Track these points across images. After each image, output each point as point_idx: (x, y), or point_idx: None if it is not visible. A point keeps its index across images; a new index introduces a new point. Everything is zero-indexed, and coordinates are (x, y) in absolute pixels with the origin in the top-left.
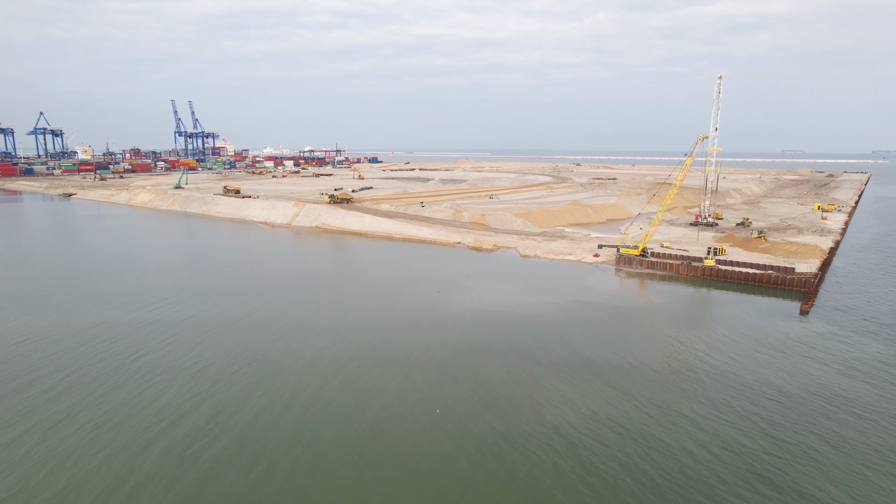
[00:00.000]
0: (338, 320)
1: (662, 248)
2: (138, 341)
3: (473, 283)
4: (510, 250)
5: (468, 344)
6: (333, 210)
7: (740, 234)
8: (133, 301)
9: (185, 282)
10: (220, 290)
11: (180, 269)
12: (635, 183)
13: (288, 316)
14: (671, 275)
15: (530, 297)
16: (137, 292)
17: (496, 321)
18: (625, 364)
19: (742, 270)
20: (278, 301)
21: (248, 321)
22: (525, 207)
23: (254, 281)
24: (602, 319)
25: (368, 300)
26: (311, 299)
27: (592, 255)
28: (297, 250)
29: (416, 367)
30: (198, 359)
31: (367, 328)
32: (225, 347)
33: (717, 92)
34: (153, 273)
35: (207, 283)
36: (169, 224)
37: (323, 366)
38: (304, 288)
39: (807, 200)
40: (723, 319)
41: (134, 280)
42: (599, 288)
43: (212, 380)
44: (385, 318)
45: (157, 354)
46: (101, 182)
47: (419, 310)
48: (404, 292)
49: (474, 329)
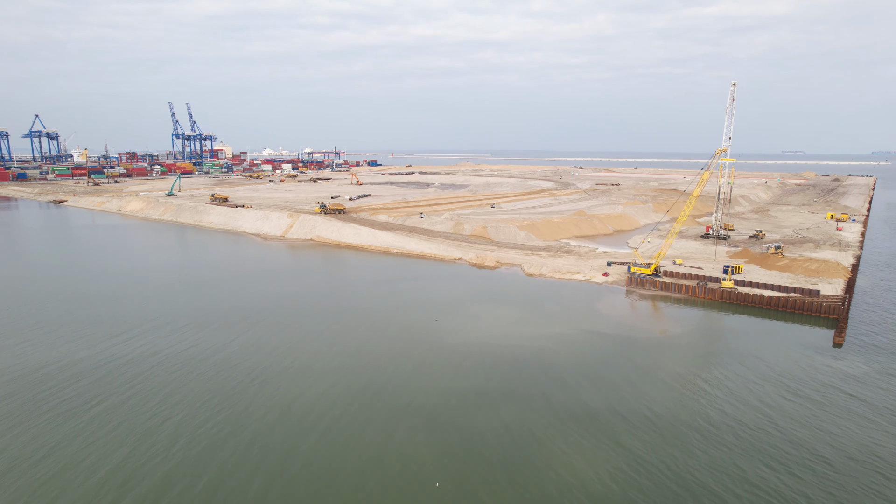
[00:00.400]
0: (321, 356)
1: (675, 266)
2: (96, 384)
3: (475, 310)
4: (514, 267)
5: (465, 390)
6: (329, 222)
7: (755, 248)
8: (99, 332)
9: (160, 307)
10: (197, 317)
11: (158, 292)
12: (639, 189)
13: (266, 350)
14: (687, 297)
15: (536, 326)
16: (106, 321)
17: (499, 359)
18: (639, 419)
19: (763, 294)
20: (258, 331)
21: (221, 357)
22: (528, 218)
23: (236, 305)
24: (614, 358)
25: (358, 330)
26: (295, 329)
27: (602, 274)
28: (287, 268)
29: (403, 420)
30: (160, 407)
31: (352, 367)
32: (192, 392)
33: (731, 99)
34: (128, 297)
35: (185, 309)
36: (157, 236)
37: (298, 416)
38: (288, 314)
39: (817, 208)
40: (747, 356)
41: (104, 305)
42: (611, 315)
43: (171, 437)
44: (374, 353)
45: (115, 401)
46: (94, 188)
47: (413, 343)
48: (398, 320)
49: (474, 370)
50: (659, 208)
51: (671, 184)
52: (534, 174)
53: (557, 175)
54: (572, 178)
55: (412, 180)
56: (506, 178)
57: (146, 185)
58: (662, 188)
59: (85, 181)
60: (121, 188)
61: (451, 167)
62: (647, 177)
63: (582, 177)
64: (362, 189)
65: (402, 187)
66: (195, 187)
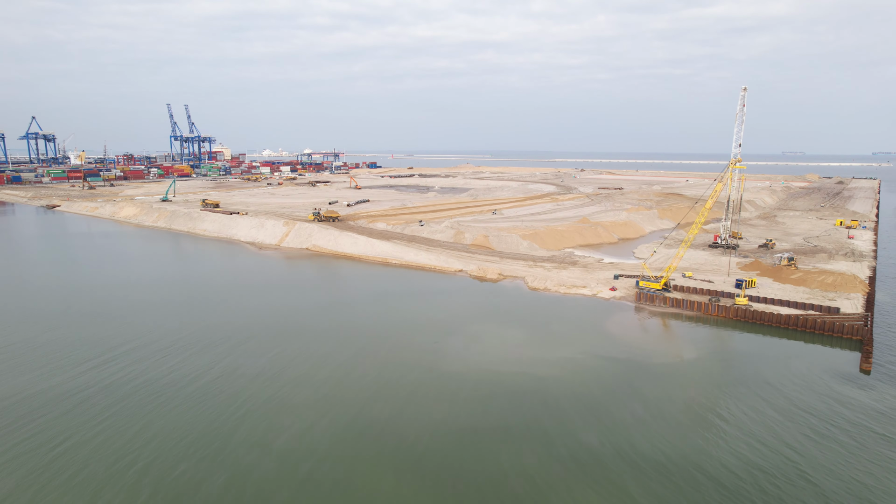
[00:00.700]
0: (307, 384)
1: (684, 279)
2: (61, 419)
3: (477, 330)
4: (517, 280)
5: (461, 427)
6: (325, 230)
7: (766, 259)
8: (75, 354)
9: (143, 327)
10: (180, 338)
11: (142, 310)
12: (643, 194)
13: (249, 376)
14: (698, 315)
15: (541, 350)
16: (83, 342)
17: (499, 389)
18: (650, 464)
19: (780, 312)
20: (242, 354)
21: (201, 386)
22: (531, 226)
23: (222, 324)
24: (624, 389)
25: (349, 353)
26: (282, 351)
27: (609, 289)
28: (279, 281)
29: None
30: (128, 448)
31: (340, 397)
32: (165, 428)
33: (742, 105)
34: (110, 314)
35: (169, 329)
36: (148, 245)
37: (278, 458)
38: (276, 334)
39: (825, 214)
40: (767, 386)
41: (84, 324)
42: (619, 336)
43: (133, 487)
44: (365, 381)
45: (79, 440)
46: (90, 191)
47: (408, 369)
48: (393, 342)
49: (471, 402)
50: (664, 214)
51: (674, 187)
52: (534, 177)
53: (559, 178)
54: (574, 181)
55: (412, 183)
56: (507, 181)
57: (142, 189)
58: (666, 192)
59: (80, 184)
60: (116, 192)
61: (451, 169)
62: (649, 179)
63: (583, 180)
64: (361, 193)
65: (401, 191)
66: (192, 191)
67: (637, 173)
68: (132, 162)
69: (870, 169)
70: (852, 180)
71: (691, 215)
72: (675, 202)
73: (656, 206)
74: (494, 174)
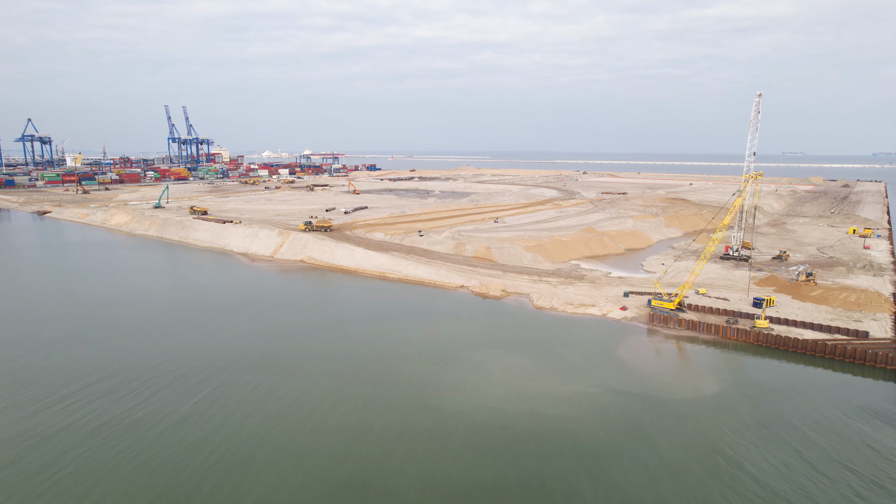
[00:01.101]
0: (291, 431)
1: (698, 296)
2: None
3: (480, 358)
4: (521, 298)
5: (454, 485)
6: (321, 241)
7: (782, 273)
8: (25, 393)
9: (116, 354)
10: (152, 367)
11: (116, 334)
12: (647, 200)
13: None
14: (716, 339)
15: (549, 383)
16: (40, 376)
17: (502, 435)
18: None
19: (804, 336)
20: (217, 391)
21: (167, 433)
22: (535, 236)
23: (201, 351)
24: (640, 431)
25: (340, 390)
26: (261, 387)
27: (619, 308)
28: (270, 299)
29: None
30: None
31: (321, 447)
32: (120, 491)
33: (756, 112)
34: (78, 340)
35: (144, 357)
36: (136, 255)
37: None
38: (259, 366)
39: (836, 221)
40: (800, 430)
41: (45, 353)
42: (634, 364)
43: None
44: (350, 425)
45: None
46: (83, 196)
47: (401, 408)
48: (387, 374)
49: (471, 451)
50: (671, 222)
51: (678, 192)
52: (536, 180)
53: (560, 181)
54: (575, 184)
55: (412, 187)
56: (508, 185)
57: (137, 193)
58: (671, 198)
59: (75, 188)
60: (111, 196)
61: (451, 171)
62: (652, 182)
63: (585, 183)
64: (359, 199)
65: (401, 196)
66: (187, 195)
67: (639, 176)
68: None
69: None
70: (857, 183)
71: (699, 223)
72: (682, 209)
73: (662, 213)
74: (495, 177)
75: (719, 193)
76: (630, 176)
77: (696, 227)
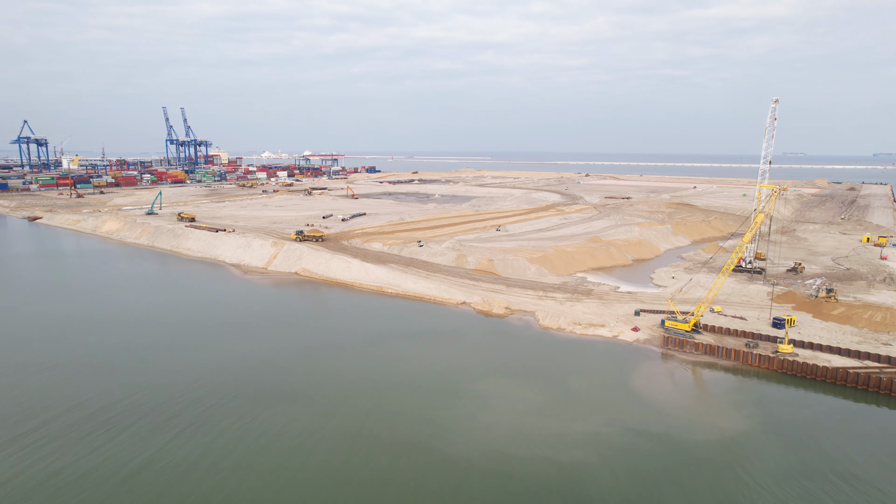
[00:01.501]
0: (267, 489)
1: (713, 314)
2: None
3: (483, 390)
4: (527, 316)
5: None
6: (316, 252)
7: (799, 288)
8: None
9: (78, 389)
10: (114, 404)
11: (83, 360)
12: (652, 205)
13: (183, 467)
14: (736, 365)
15: (562, 419)
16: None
17: (509, 484)
18: None
19: (833, 363)
20: (184, 433)
21: (117, 489)
22: (539, 246)
23: (173, 382)
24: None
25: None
26: (235, 427)
27: (631, 329)
28: (258, 319)
29: None
30: None
31: (306, 499)
32: None
33: (773, 118)
34: (38, 367)
35: (107, 392)
36: (123, 267)
37: None
38: (236, 404)
39: (848, 228)
40: (845, 481)
41: (8, 383)
42: (650, 397)
43: None
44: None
45: None
46: (77, 200)
47: (396, 448)
48: (381, 407)
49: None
50: (678, 229)
51: (683, 196)
52: (537, 183)
53: (562, 184)
54: (577, 187)
55: (412, 191)
56: (509, 188)
57: (132, 198)
58: (677, 203)
59: (69, 192)
60: (105, 200)
61: (451, 174)
62: (655, 185)
63: (587, 186)
64: (357, 204)
65: (400, 201)
66: (183, 200)
67: (641, 178)
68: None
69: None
70: (863, 186)
71: (707, 230)
72: (688, 215)
73: (669, 220)
74: (496, 179)
75: (725, 198)
76: (632, 178)
77: (703, 235)
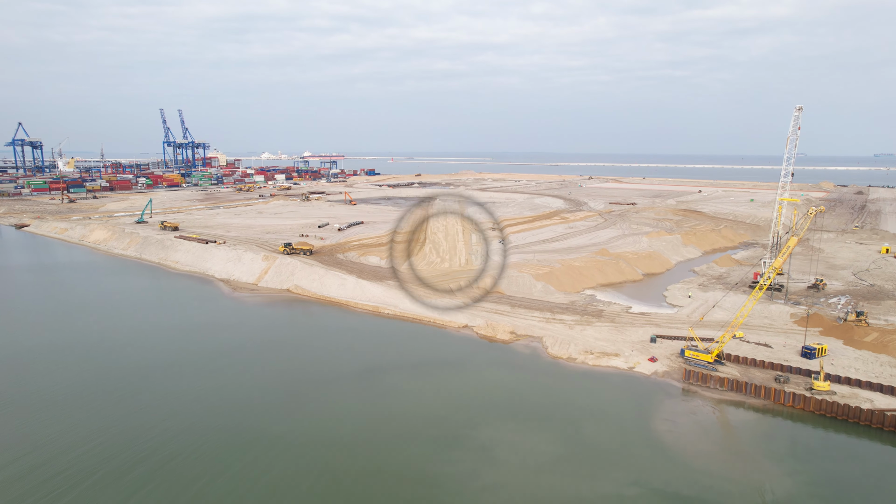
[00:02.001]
0: None
1: (735, 340)
2: None
3: (488, 438)
4: (534, 342)
5: None
6: (310, 268)
7: (825, 309)
8: None
9: (16, 440)
10: (71, 462)
11: (37, 404)
12: (659, 211)
13: None
14: (766, 405)
15: (576, 479)
16: None
17: None
18: None
19: (876, 403)
20: (142, 498)
21: None
22: (544, 260)
23: (136, 431)
24: None
25: (299, 487)
26: (206, 489)
27: (647, 359)
28: (243, 345)
29: None
30: None
31: None
32: None
33: (797, 127)
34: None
35: (61, 440)
36: (104, 284)
37: None
38: (208, 451)
39: (863, 237)
40: None
41: None
42: (676, 447)
43: None
44: None
45: None
46: (69, 205)
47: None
48: (374, 464)
49: None
50: (688, 240)
51: (689, 201)
52: (539, 187)
53: (565, 188)
54: (580, 191)
55: (412, 195)
56: (511, 192)
57: (126, 203)
58: (684, 210)
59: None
60: (97, 206)
61: (452, 176)
62: (659, 189)
63: (590, 190)
64: (355, 211)
65: (400, 206)
66: (177, 205)
67: (644, 181)
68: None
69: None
70: (870, 189)
71: (717, 240)
72: (697, 223)
73: (678, 229)
74: (497, 182)
75: (732, 203)
76: (635, 181)
77: (714, 246)
